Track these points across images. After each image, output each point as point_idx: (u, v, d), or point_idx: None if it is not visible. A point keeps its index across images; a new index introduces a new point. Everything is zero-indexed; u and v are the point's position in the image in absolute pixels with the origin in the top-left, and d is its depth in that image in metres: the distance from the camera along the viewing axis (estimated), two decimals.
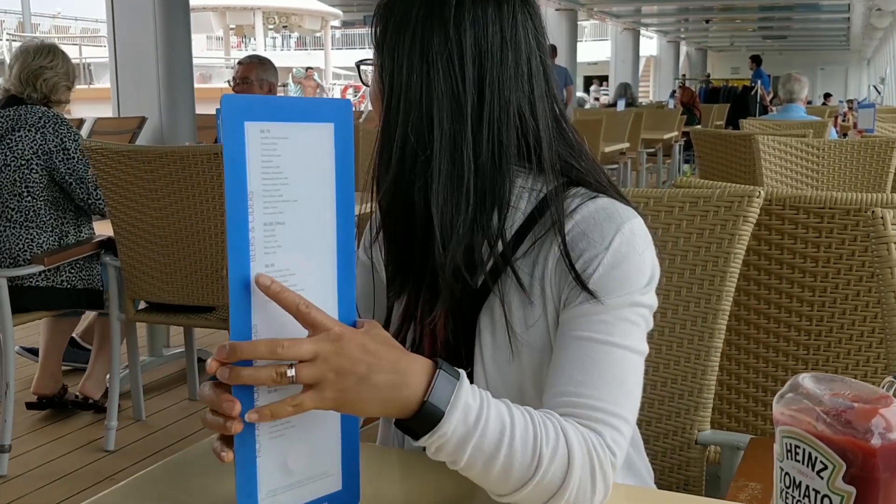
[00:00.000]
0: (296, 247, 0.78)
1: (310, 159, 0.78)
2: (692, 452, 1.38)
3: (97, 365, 3.29)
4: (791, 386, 0.60)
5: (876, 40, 24.22)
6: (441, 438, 0.80)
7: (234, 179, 0.75)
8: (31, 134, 3.02)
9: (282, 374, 0.74)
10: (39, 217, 3.05)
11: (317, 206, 0.79)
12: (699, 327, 1.36)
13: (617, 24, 21.29)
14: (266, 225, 0.76)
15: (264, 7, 28.92)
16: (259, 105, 0.76)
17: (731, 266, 1.36)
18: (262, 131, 0.75)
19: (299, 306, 0.76)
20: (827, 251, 1.59)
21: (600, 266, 0.95)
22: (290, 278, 0.77)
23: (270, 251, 0.77)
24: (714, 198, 1.38)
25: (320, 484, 0.83)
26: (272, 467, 0.80)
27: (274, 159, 0.76)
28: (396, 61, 0.97)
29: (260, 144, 0.75)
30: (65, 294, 3.07)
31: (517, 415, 0.84)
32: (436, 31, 0.96)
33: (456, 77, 0.96)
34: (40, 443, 3.09)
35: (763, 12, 21.72)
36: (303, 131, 0.77)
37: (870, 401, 0.58)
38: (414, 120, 0.96)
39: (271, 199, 0.76)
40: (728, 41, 29.94)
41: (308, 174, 0.78)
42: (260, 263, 0.76)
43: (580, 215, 0.98)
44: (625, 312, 0.95)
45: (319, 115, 0.78)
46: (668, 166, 10.03)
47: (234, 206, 0.75)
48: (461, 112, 0.96)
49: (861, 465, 0.56)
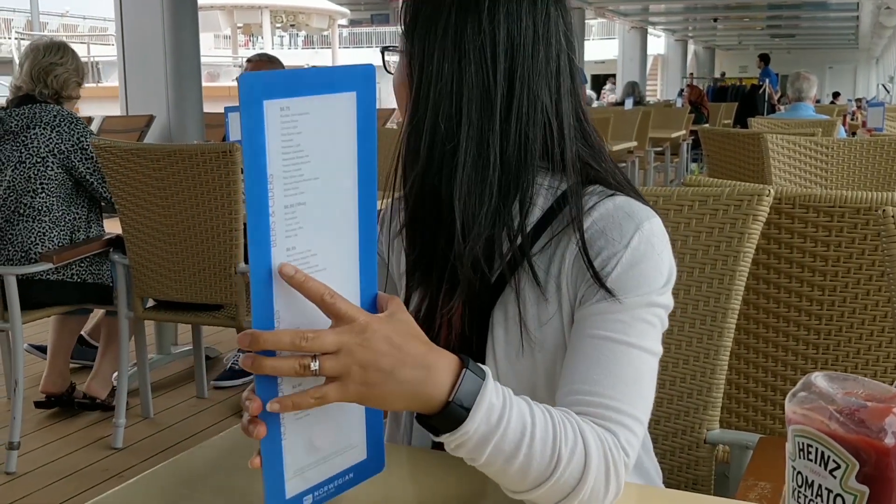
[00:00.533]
0: (317, 226, 0.76)
1: (331, 133, 0.75)
2: (701, 451, 1.38)
3: (103, 364, 3.30)
4: (804, 385, 0.60)
5: (885, 39, 24.13)
6: (463, 437, 0.80)
7: (253, 163, 0.72)
8: (46, 132, 3.05)
9: (305, 366, 0.73)
10: (52, 213, 3.07)
11: (338, 181, 0.76)
12: (708, 326, 1.36)
13: (625, 23, 21.26)
14: (287, 207, 0.74)
15: (272, 6, 28.95)
16: (278, 81, 0.72)
17: (740, 265, 1.35)
18: (282, 109, 0.72)
19: (324, 296, 0.74)
20: (837, 250, 1.58)
21: (619, 264, 0.95)
22: (311, 259, 0.75)
23: (291, 234, 0.74)
24: (723, 196, 1.37)
25: (346, 456, 0.82)
26: (298, 447, 0.79)
27: (294, 137, 0.73)
28: (427, 50, 0.97)
29: (280, 123, 0.72)
30: (74, 288, 3.09)
31: (538, 414, 0.83)
32: (469, 20, 0.96)
33: (487, 69, 0.96)
34: (48, 440, 3.10)
35: (771, 11, 21.65)
36: (324, 104, 0.74)
37: (883, 400, 0.57)
38: (444, 110, 0.95)
39: (292, 180, 0.73)
40: (736, 40, 29.86)
41: (330, 149, 0.75)
42: (281, 248, 0.74)
43: (598, 213, 0.98)
44: (642, 312, 0.95)
45: (341, 85, 0.74)
46: (675, 165, 10.00)
47: (254, 191, 0.72)
48: (490, 104, 0.96)
49: (874, 464, 0.56)
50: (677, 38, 26.37)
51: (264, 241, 0.73)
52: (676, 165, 10.03)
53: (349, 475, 0.83)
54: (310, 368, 0.73)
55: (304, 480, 0.80)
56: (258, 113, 0.71)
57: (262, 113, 0.71)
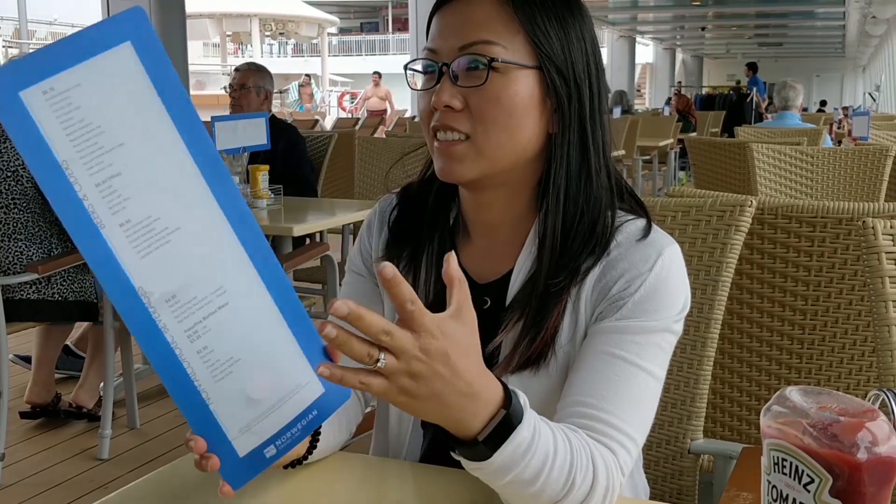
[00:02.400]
0: (147, 190, 0.69)
1: (118, 94, 0.66)
2: (685, 462, 1.38)
3: (90, 374, 3.29)
4: (778, 399, 0.60)
5: (871, 48, 24.31)
6: (483, 466, 0.79)
7: (37, 160, 0.66)
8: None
9: (375, 359, 0.70)
10: (27, 229, 3.03)
11: (154, 139, 0.68)
12: (692, 336, 1.36)
13: (613, 32, 21.35)
14: (98, 185, 0.67)
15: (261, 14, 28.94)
16: (29, 65, 0.65)
17: (723, 275, 1.36)
18: (45, 92, 0.65)
19: (405, 304, 0.70)
20: (819, 260, 1.59)
21: (642, 287, 0.96)
22: (156, 224, 0.69)
23: (118, 209, 0.68)
24: (706, 207, 1.38)
25: (298, 398, 0.78)
26: (232, 406, 0.76)
27: (74, 114, 0.66)
28: (570, 60, 1.00)
29: (49, 108, 0.65)
30: (56, 306, 3.06)
31: (560, 444, 0.83)
32: (589, 33, 1.03)
33: (593, 80, 1.02)
34: (34, 451, 3.08)
35: (759, 20, 21.79)
36: (94, 68, 0.65)
37: (856, 414, 0.58)
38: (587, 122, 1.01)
39: (91, 157, 0.67)
40: (724, 48, 30.04)
41: (124, 110, 0.67)
42: (112, 227, 0.68)
43: (622, 236, 1.00)
44: (656, 337, 0.96)
45: (108, 41, 0.65)
46: (663, 173, 10.03)
47: (52, 185, 0.66)
48: (594, 114, 1.02)
49: (848, 478, 0.56)
50: (665, 46, 26.51)
51: (89, 228, 0.68)
52: (664, 174, 10.06)
53: (313, 412, 0.79)
54: (377, 362, 0.71)
55: (254, 435, 0.77)
56: (18, 106, 0.65)
57: (23, 107, 0.65)
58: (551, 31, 0.98)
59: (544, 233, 1.01)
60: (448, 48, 0.98)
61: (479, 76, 0.96)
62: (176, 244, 0.70)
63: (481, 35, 0.97)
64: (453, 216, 1.10)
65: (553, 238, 1.00)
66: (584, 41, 1.01)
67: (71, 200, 0.67)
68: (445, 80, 0.98)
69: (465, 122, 0.97)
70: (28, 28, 27.91)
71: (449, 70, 0.98)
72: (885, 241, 1.19)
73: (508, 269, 1.04)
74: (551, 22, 0.98)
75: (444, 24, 1.00)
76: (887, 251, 1.19)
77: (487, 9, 0.98)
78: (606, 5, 18.32)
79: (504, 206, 1.04)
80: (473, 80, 0.97)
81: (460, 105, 0.97)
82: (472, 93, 0.97)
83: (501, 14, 0.98)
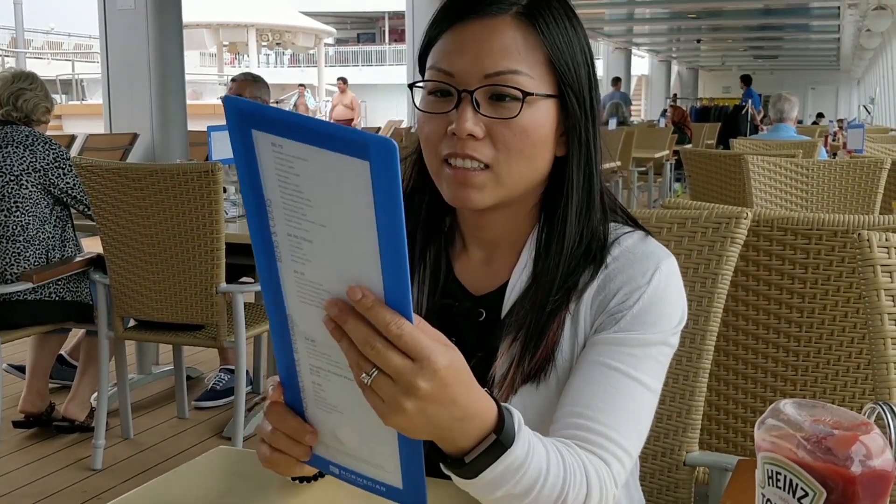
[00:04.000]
0: (329, 270, 0.68)
1: (338, 190, 0.64)
2: (681, 474, 1.38)
3: (81, 386, 3.28)
4: (772, 412, 0.60)
5: (866, 60, 24.40)
6: (471, 483, 0.78)
7: (248, 183, 0.67)
8: (20, 151, 3.05)
9: (364, 371, 0.69)
10: (27, 232, 3.06)
11: (352, 240, 0.66)
12: (687, 348, 1.36)
13: (609, 44, 21.41)
14: (290, 236, 0.68)
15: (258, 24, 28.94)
16: (269, 116, 0.65)
17: (718, 287, 1.36)
18: (274, 145, 0.65)
19: (389, 326, 0.67)
20: (815, 272, 1.60)
21: (640, 300, 0.97)
22: (323, 293, 0.69)
23: (299, 260, 0.69)
24: (702, 219, 1.38)
25: (377, 472, 0.77)
26: (321, 425, 0.78)
27: (291, 177, 0.66)
28: (582, 89, 1.00)
29: (273, 157, 0.66)
30: (53, 307, 3.07)
31: (553, 460, 0.82)
32: (588, 47, 1.02)
33: (595, 99, 1.03)
34: (27, 461, 3.06)
35: (754, 32, 21.87)
36: (325, 157, 0.64)
37: (850, 427, 0.58)
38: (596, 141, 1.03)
39: (293, 214, 0.67)
40: (719, 60, 30.11)
41: (338, 204, 0.65)
42: (288, 267, 0.69)
43: (619, 249, 1.00)
44: (653, 350, 0.97)
45: (349, 148, 0.62)
46: (659, 185, 10.06)
47: (252, 205, 0.67)
48: (597, 134, 1.03)
49: (842, 492, 0.56)
50: (661, 58, 26.58)
51: (270, 252, 0.70)
52: (660, 185, 10.08)
53: (381, 488, 0.78)
54: (361, 378, 0.69)
55: (326, 452, 0.80)
56: (247, 137, 0.66)
57: (251, 138, 0.66)
58: (567, 54, 0.98)
59: (541, 247, 1.01)
60: (469, 73, 0.95)
61: (509, 108, 0.95)
62: None
63: (508, 64, 0.95)
64: (446, 227, 1.10)
65: (550, 253, 1.00)
66: (586, 56, 1.01)
67: (263, 226, 0.69)
68: (468, 107, 0.95)
69: (487, 152, 0.95)
70: (25, 37, 27.91)
71: (471, 97, 0.95)
72: (881, 254, 1.19)
73: (504, 282, 1.04)
74: (566, 43, 0.98)
75: (461, 45, 0.96)
76: (882, 264, 1.19)
77: (511, 32, 0.95)
78: (602, 17, 18.38)
79: (505, 223, 1.04)
80: (502, 111, 0.95)
81: (482, 134, 0.95)
82: (498, 123, 0.95)
83: (527, 39, 0.96)
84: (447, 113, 0.96)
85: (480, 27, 0.96)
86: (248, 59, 30.38)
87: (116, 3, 5.14)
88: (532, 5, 0.97)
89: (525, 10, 0.97)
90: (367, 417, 0.74)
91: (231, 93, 3.99)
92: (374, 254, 0.65)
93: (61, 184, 3.09)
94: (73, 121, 14.19)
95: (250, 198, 0.68)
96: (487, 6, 0.96)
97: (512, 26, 0.96)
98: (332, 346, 0.72)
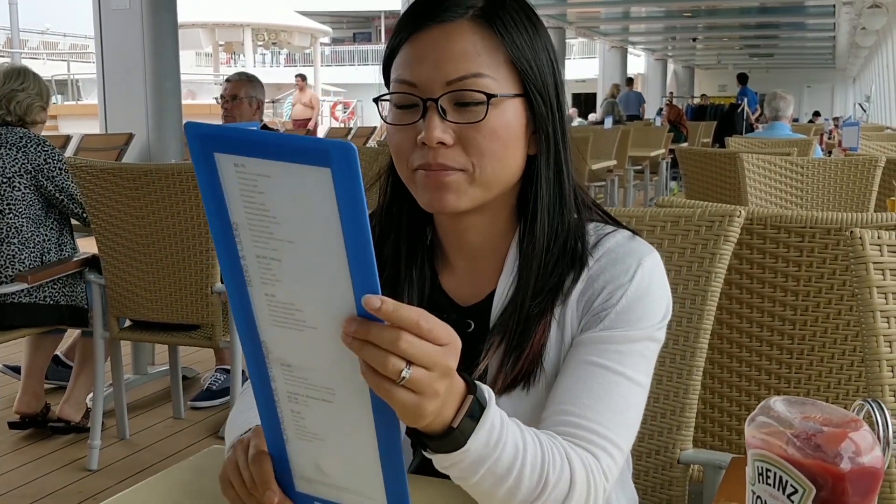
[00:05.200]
0: (300, 287, 0.68)
1: (303, 202, 0.65)
2: (675, 472, 1.38)
3: (76, 387, 3.27)
4: (762, 409, 0.61)
5: (861, 59, 24.43)
6: (458, 459, 0.79)
7: (213, 209, 0.67)
8: (12, 153, 3.04)
9: (397, 371, 0.68)
10: (21, 234, 3.05)
11: (321, 252, 0.66)
12: (681, 346, 1.36)
13: (605, 42, 21.42)
14: (259, 258, 0.68)
15: (253, 24, 28.91)
16: (229, 136, 0.65)
17: (712, 285, 1.36)
18: (237, 165, 0.65)
19: (420, 322, 0.68)
20: (808, 270, 1.60)
21: (623, 297, 0.97)
22: (296, 313, 0.69)
23: (269, 282, 0.69)
24: (695, 217, 1.38)
25: (362, 500, 0.77)
26: (303, 459, 0.78)
27: (256, 196, 0.66)
28: (550, 86, 1.01)
29: (236, 178, 0.66)
30: (48, 310, 3.06)
31: (528, 439, 0.83)
32: (550, 46, 1.03)
33: (560, 96, 1.04)
34: (23, 462, 3.06)
35: (750, 31, 21.89)
36: (288, 171, 0.64)
37: (840, 424, 0.58)
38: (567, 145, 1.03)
39: (261, 235, 0.67)
40: (715, 59, 30.13)
41: (304, 217, 0.65)
42: (258, 290, 0.69)
43: (602, 249, 1.01)
44: (639, 346, 0.97)
45: (309, 157, 0.63)
46: (655, 183, 10.07)
47: (219, 231, 0.68)
48: (564, 131, 1.03)
49: (831, 489, 0.56)
50: (657, 57, 26.60)
51: (239, 277, 0.70)
52: (656, 184, 10.09)
53: None
54: (400, 375, 0.68)
55: (310, 487, 0.79)
56: (210, 162, 0.66)
57: (213, 162, 0.66)
58: (528, 53, 0.98)
59: (524, 253, 1.01)
60: (431, 81, 0.95)
61: (475, 112, 0.95)
62: (308, 337, 0.71)
63: (469, 68, 0.94)
64: (429, 238, 1.09)
65: (532, 258, 1.00)
66: (549, 54, 1.01)
67: (231, 252, 0.69)
68: (434, 115, 0.94)
69: (460, 158, 0.96)
70: (20, 37, 27.86)
71: (437, 105, 0.94)
72: (873, 252, 1.19)
73: (490, 291, 1.04)
74: (526, 42, 0.98)
75: (420, 54, 0.96)
76: (875, 261, 1.19)
77: (469, 36, 0.95)
78: (598, 16, 18.40)
79: (484, 227, 1.04)
80: (468, 115, 0.95)
81: (452, 140, 0.95)
82: (466, 128, 0.95)
83: (485, 41, 0.96)
84: (414, 123, 0.96)
85: (438, 33, 0.95)
86: (244, 58, 30.36)
87: (111, 3, 5.14)
88: (488, 7, 0.97)
89: (481, 13, 0.96)
90: (348, 442, 0.74)
91: (227, 93, 3.99)
92: (343, 262, 0.65)
93: (50, 186, 3.07)
94: (68, 121, 14.18)
95: (216, 225, 0.68)
96: (443, 12, 0.95)
97: (469, 30, 0.95)
98: (309, 369, 0.72)
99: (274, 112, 19.79)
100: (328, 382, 0.73)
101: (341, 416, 0.74)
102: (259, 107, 4.00)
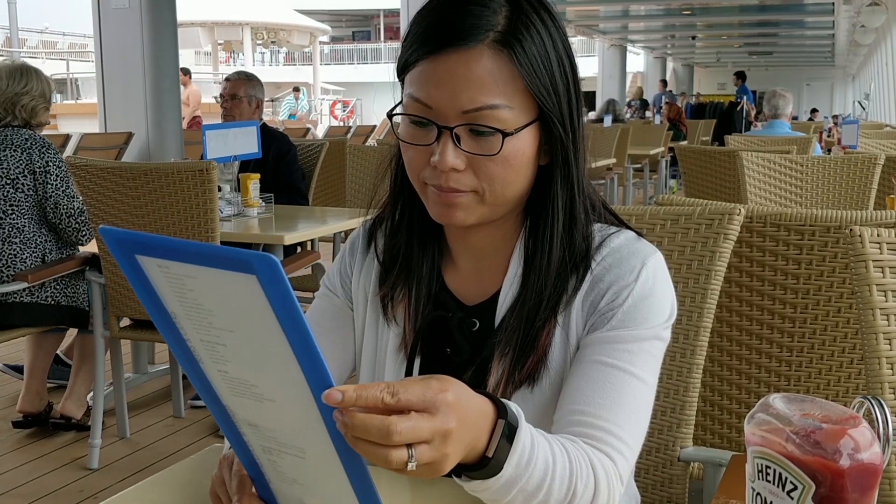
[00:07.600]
0: (251, 368, 0.67)
1: (234, 300, 0.63)
2: (675, 469, 1.38)
3: (77, 384, 3.28)
4: (761, 406, 0.61)
5: (860, 56, 24.42)
6: (491, 484, 0.78)
7: (148, 300, 0.66)
8: (17, 154, 3.05)
9: (403, 462, 0.67)
10: (23, 234, 3.06)
11: (262, 340, 0.64)
12: (681, 344, 1.36)
13: (604, 41, 21.40)
14: (204, 342, 0.67)
15: (252, 23, 28.90)
16: (148, 243, 0.64)
17: (712, 283, 1.36)
18: (161, 266, 0.64)
19: (384, 398, 0.66)
20: (808, 268, 1.60)
21: (629, 297, 0.98)
22: (252, 388, 0.69)
23: (219, 362, 0.68)
24: (695, 215, 1.39)
25: None
26: (287, 497, 0.78)
27: (187, 293, 0.65)
28: (562, 106, 0.98)
29: (163, 277, 0.65)
30: (49, 310, 3.07)
31: (557, 452, 0.83)
32: (565, 43, 1.00)
33: (576, 104, 1.01)
34: (24, 461, 3.06)
35: (749, 29, 21.88)
36: (213, 274, 0.62)
37: (839, 421, 0.58)
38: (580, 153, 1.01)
39: (200, 324, 0.66)
40: (714, 57, 30.11)
41: (239, 313, 0.64)
42: (211, 367, 0.69)
43: (606, 250, 1.01)
44: (647, 345, 0.98)
45: (233, 265, 0.61)
46: (654, 181, 10.07)
47: (162, 325, 0.67)
48: (578, 137, 1.01)
49: (830, 485, 0.57)
50: (656, 55, 26.58)
51: (189, 354, 0.69)
52: (655, 182, 10.09)
53: None
54: (407, 466, 0.67)
55: None
56: (134, 263, 0.65)
57: (137, 264, 0.65)
58: (546, 79, 0.95)
59: (529, 254, 1.02)
60: (448, 108, 0.93)
61: (489, 143, 0.94)
62: (268, 407, 0.70)
63: (486, 98, 0.92)
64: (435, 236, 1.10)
65: (537, 259, 1.01)
66: (565, 70, 0.98)
67: (176, 335, 0.68)
68: (448, 142, 0.93)
69: (471, 181, 0.95)
70: (19, 36, 27.84)
71: (451, 133, 0.93)
72: (873, 249, 1.20)
73: (496, 290, 1.05)
74: (545, 67, 0.95)
75: (437, 77, 0.93)
76: (874, 259, 1.20)
77: (487, 63, 0.92)
78: (598, 14, 18.39)
79: (491, 232, 1.04)
80: (483, 146, 0.94)
81: (464, 166, 0.95)
82: (480, 157, 0.94)
83: (503, 69, 0.93)
84: (429, 145, 0.95)
85: (456, 60, 0.92)
86: (243, 57, 30.35)
87: (111, 1, 5.13)
88: (508, 30, 0.94)
89: (501, 37, 0.93)
90: (328, 483, 0.74)
91: (226, 92, 3.98)
92: (286, 347, 0.64)
93: (40, 191, 3.07)
94: (67, 120, 14.18)
95: (154, 312, 0.67)
96: (462, 39, 0.92)
97: (489, 57, 0.92)
98: (275, 430, 0.72)
99: (274, 111, 19.78)
100: (297, 443, 0.72)
101: (316, 468, 0.74)
102: (258, 106, 4.00)
